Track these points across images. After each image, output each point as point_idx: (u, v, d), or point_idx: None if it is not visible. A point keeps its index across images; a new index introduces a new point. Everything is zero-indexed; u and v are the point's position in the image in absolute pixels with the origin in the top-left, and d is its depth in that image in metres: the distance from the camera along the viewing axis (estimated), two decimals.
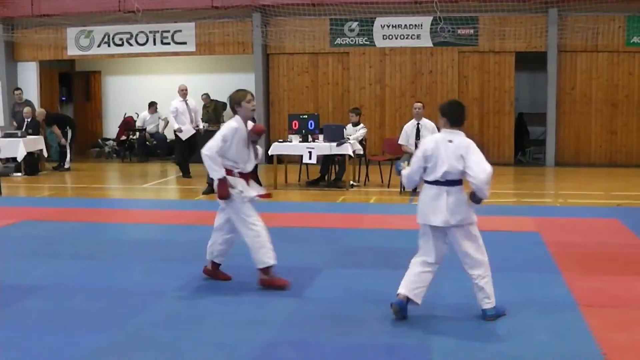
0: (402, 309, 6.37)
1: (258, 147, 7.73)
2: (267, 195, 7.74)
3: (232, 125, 7.42)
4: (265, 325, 6.29)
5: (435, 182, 6.32)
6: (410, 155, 13.65)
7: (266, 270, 7.41)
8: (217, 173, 7.27)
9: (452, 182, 6.29)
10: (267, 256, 7.35)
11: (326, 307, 6.80)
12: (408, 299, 6.36)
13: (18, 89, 20.62)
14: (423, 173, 6.39)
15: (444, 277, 7.71)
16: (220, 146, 7.25)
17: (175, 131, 16.93)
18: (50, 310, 6.89)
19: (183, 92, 17.01)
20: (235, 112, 7.55)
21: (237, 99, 7.53)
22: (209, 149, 7.23)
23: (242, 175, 7.47)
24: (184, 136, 16.90)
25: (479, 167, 6.14)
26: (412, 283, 6.39)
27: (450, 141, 6.29)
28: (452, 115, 6.41)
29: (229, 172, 7.32)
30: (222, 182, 7.27)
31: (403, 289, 6.39)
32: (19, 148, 17.58)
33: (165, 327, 6.34)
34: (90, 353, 5.72)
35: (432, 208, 6.31)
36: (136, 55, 21.87)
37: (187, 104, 17.05)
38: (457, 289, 7.21)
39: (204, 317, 6.60)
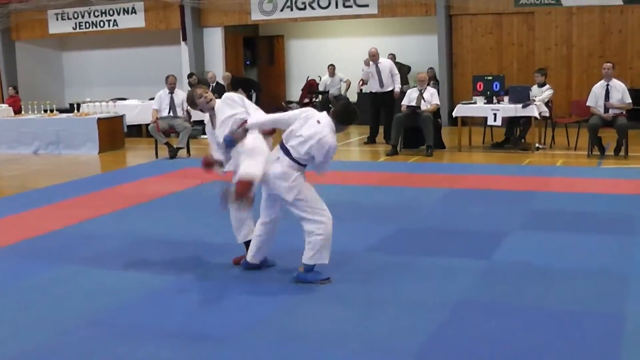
0: None
1: None
2: None
3: None
4: (455, 286, 6.26)
5: None
6: (599, 117, 13.35)
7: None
8: None
9: None
10: None
11: (515, 270, 6.69)
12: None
13: (192, 75, 21.09)
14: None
15: (634, 243, 7.50)
16: None
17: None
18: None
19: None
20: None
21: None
22: None
23: None
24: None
25: None
26: None
27: None
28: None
29: None
30: None
31: None
32: None
33: (358, 283, 6.43)
34: (282, 306, 5.89)
35: None
36: (318, 19, 22.03)
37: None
38: None
39: (396, 275, 6.62)
